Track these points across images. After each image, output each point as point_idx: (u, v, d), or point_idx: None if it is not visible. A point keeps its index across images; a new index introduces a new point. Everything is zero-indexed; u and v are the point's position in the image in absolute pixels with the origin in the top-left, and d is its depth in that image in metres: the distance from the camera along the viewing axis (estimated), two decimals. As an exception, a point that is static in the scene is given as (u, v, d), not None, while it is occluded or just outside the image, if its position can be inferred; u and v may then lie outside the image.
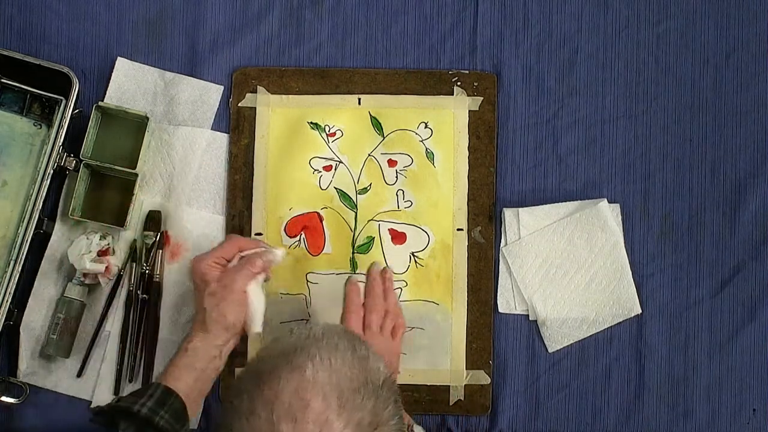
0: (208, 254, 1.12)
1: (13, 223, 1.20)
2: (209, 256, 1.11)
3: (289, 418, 0.78)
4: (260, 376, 0.82)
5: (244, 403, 0.81)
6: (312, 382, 0.80)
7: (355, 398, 0.80)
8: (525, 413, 1.22)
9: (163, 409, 1.01)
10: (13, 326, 1.19)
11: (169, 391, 1.03)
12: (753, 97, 1.25)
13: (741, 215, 1.24)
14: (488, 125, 1.24)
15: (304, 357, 0.82)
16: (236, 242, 1.14)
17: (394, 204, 1.23)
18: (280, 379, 0.80)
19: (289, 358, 0.82)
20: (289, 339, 0.85)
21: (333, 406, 0.79)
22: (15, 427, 1.20)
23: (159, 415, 1.00)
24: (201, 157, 1.23)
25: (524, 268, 1.22)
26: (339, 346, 0.83)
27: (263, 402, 0.80)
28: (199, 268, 1.11)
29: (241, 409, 0.80)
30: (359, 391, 0.81)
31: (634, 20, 1.26)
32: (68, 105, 1.19)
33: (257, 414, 0.79)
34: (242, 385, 0.83)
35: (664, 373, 1.22)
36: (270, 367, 0.82)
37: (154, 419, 1.00)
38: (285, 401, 0.79)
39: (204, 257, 1.11)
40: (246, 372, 0.85)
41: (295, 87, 1.24)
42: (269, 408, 0.79)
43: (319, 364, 0.81)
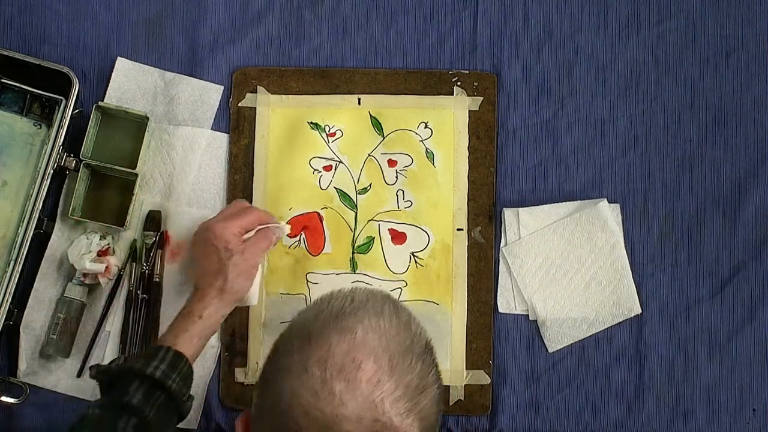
0: (232, 221, 1.12)
1: (13, 223, 1.20)
2: (233, 224, 1.12)
3: (342, 378, 0.79)
4: (309, 336, 0.82)
5: (294, 362, 0.81)
6: (363, 344, 0.80)
7: (404, 361, 0.81)
8: (525, 413, 1.22)
9: (175, 372, 1.02)
10: (13, 326, 1.19)
11: (179, 355, 1.04)
12: (753, 97, 1.25)
13: (741, 215, 1.24)
14: (488, 125, 1.24)
15: (354, 320, 0.82)
16: (257, 215, 1.15)
17: (394, 204, 1.23)
18: (331, 340, 0.81)
19: (338, 320, 0.82)
20: (333, 302, 0.85)
21: (384, 368, 0.80)
22: (15, 427, 1.20)
23: (171, 378, 1.01)
24: (201, 157, 1.23)
25: (524, 268, 1.22)
26: (384, 310, 0.84)
27: (316, 361, 0.80)
28: (224, 234, 1.11)
29: (292, 367, 0.81)
30: (407, 354, 0.82)
31: (634, 20, 1.26)
32: (68, 105, 1.19)
33: (310, 372, 0.79)
34: (289, 345, 0.83)
35: (664, 373, 1.22)
36: (318, 328, 0.82)
37: (167, 382, 1.01)
38: (338, 362, 0.79)
39: (228, 224, 1.11)
40: (291, 333, 0.85)
41: (295, 87, 1.24)
42: (323, 367, 0.79)
43: (368, 327, 0.82)
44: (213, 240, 1.11)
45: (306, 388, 0.79)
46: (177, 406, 1.02)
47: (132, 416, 0.98)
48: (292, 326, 0.86)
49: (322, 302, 0.86)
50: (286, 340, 0.85)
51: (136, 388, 0.99)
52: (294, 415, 0.79)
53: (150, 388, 1.00)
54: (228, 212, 1.15)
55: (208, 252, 1.11)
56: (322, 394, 0.78)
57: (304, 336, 0.82)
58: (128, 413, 0.98)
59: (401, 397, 0.80)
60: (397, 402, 0.79)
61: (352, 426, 0.78)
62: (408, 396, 0.80)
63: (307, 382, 0.79)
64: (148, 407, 0.99)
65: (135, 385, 1.00)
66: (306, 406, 0.78)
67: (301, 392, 0.79)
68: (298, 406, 0.79)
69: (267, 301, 1.21)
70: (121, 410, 0.98)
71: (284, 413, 0.79)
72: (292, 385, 0.80)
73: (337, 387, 0.78)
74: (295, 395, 0.79)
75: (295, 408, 0.79)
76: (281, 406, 0.80)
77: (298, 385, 0.79)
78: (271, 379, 0.83)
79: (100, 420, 0.97)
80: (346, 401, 0.78)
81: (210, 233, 1.11)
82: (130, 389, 0.99)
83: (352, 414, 0.78)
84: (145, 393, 0.99)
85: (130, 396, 0.99)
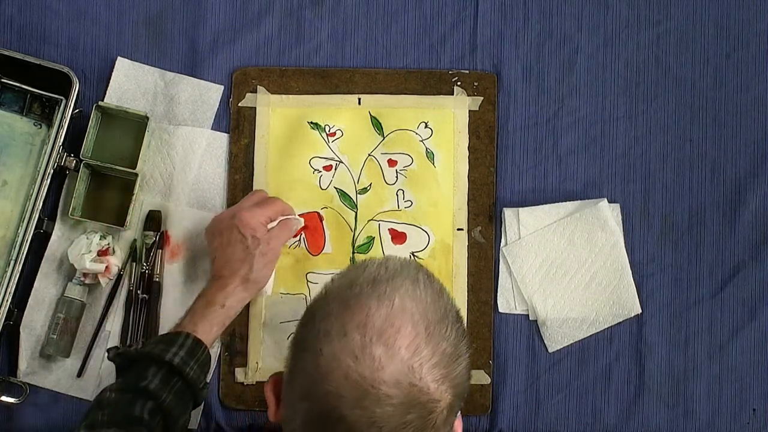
0: (259, 210, 1.13)
1: (13, 223, 1.20)
2: (261, 212, 1.12)
3: (381, 343, 0.79)
4: (347, 302, 0.82)
5: (333, 326, 0.81)
6: (401, 311, 0.81)
7: (440, 328, 0.82)
8: (525, 413, 1.22)
9: (193, 360, 1.03)
10: (13, 326, 1.19)
11: (199, 342, 1.05)
12: (753, 97, 1.25)
13: (741, 215, 1.24)
14: (488, 125, 1.24)
15: (391, 287, 0.83)
16: (281, 205, 1.16)
17: (394, 204, 1.23)
18: (369, 306, 0.81)
19: (375, 287, 0.83)
20: (368, 270, 0.85)
21: (422, 334, 0.80)
22: (15, 427, 1.20)
23: (189, 365, 1.02)
24: (201, 157, 1.23)
25: (524, 268, 1.22)
26: (419, 278, 0.85)
27: (356, 325, 0.80)
28: (251, 223, 1.11)
29: (331, 331, 0.81)
30: (443, 322, 0.83)
31: (634, 20, 1.26)
32: (68, 105, 1.19)
33: (350, 336, 0.80)
34: (327, 309, 0.83)
35: (664, 373, 1.22)
36: (356, 294, 0.83)
37: (185, 370, 1.01)
38: (377, 327, 0.80)
39: (255, 212, 1.12)
40: (327, 298, 0.85)
41: (295, 87, 1.24)
42: (362, 331, 0.80)
43: (405, 295, 0.82)
44: (240, 227, 1.11)
45: (346, 352, 0.79)
46: (193, 393, 1.03)
47: (149, 400, 0.99)
48: (327, 292, 0.86)
49: (357, 269, 0.87)
50: (322, 305, 0.85)
51: (154, 373, 1.00)
52: (333, 378, 0.79)
53: (168, 374, 1.01)
54: (252, 200, 1.15)
55: (233, 240, 1.11)
56: (362, 358, 0.79)
57: (342, 301, 0.83)
58: (145, 397, 0.99)
59: (437, 363, 0.81)
60: (433, 369, 0.80)
61: (390, 390, 0.79)
62: (443, 363, 0.81)
63: (347, 346, 0.80)
64: (165, 392, 1.00)
65: (153, 370, 1.00)
66: (346, 369, 0.79)
67: (342, 356, 0.79)
68: (338, 369, 0.79)
69: (267, 300, 1.21)
70: (138, 394, 0.99)
71: (323, 376, 0.80)
72: (332, 349, 0.80)
73: (376, 351, 0.79)
74: (335, 358, 0.80)
75: (335, 371, 0.79)
76: (320, 369, 0.80)
77: (339, 349, 0.80)
78: (308, 343, 0.83)
79: (117, 402, 0.98)
80: (385, 365, 0.79)
81: (237, 220, 1.11)
82: (148, 374, 1.00)
83: (391, 378, 0.79)
84: (162, 378, 1.00)
85: (147, 381, 0.99)
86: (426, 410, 0.80)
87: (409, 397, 0.79)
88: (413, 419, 0.80)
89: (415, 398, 0.79)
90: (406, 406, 0.79)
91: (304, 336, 0.85)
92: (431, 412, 0.80)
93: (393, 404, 0.79)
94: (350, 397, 0.79)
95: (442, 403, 0.81)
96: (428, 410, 0.80)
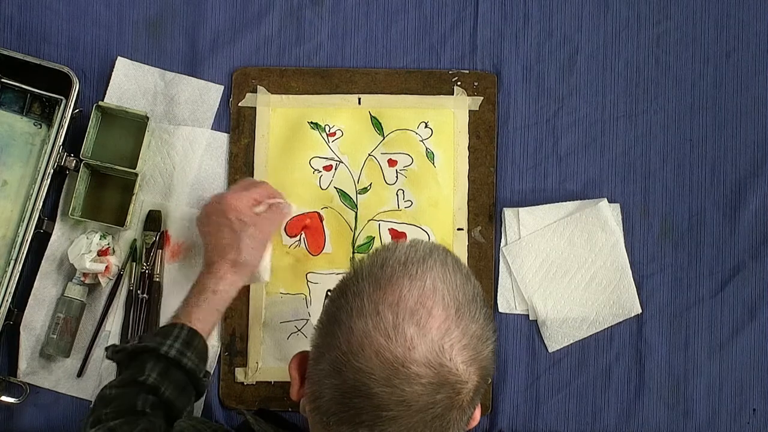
0: (245, 193, 1.12)
1: (13, 222, 1.20)
2: (246, 194, 1.12)
3: (413, 322, 0.80)
4: (379, 281, 0.83)
5: (366, 304, 0.82)
6: (433, 292, 0.82)
7: (469, 310, 0.83)
8: (525, 413, 1.22)
9: (190, 350, 1.03)
10: (13, 326, 1.19)
11: (194, 333, 1.05)
12: (753, 97, 1.25)
13: (741, 215, 1.24)
14: (488, 125, 1.24)
15: (422, 269, 0.83)
16: (266, 188, 1.16)
17: (395, 204, 1.23)
18: (402, 286, 0.82)
19: (407, 268, 0.83)
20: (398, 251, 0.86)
21: (452, 316, 0.81)
22: (15, 427, 1.21)
23: (186, 356, 1.03)
24: (201, 157, 1.23)
25: (524, 267, 1.22)
26: (447, 261, 0.85)
27: (388, 304, 0.81)
28: (237, 205, 1.11)
29: (364, 309, 0.82)
30: (472, 304, 0.83)
31: (634, 20, 1.26)
32: (68, 105, 1.19)
33: (382, 315, 0.81)
34: (358, 287, 0.84)
35: (664, 373, 1.22)
36: (388, 274, 0.83)
37: (182, 361, 1.02)
38: (409, 307, 0.81)
39: (240, 195, 1.12)
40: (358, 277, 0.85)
41: (295, 87, 1.24)
42: (395, 311, 0.81)
43: (436, 276, 0.83)
44: (226, 211, 1.11)
45: (378, 330, 0.80)
46: (194, 383, 1.04)
47: (149, 394, 0.99)
48: (357, 272, 0.86)
49: (387, 251, 0.87)
50: (353, 283, 0.85)
51: (152, 366, 1.01)
52: (365, 355, 0.80)
53: (165, 367, 1.01)
54: (238, 186, 1.15)
55: (220, 224, 1.11)
56: (395, 337, 0.80)
57: (375, 280, 0.83)
58: (145, 391, 0.99)
59: (467, 345, 0.81)
60: (463, 350, 0.81)
61: (421, 369, 0.79)
62: (472, 345, 0.82)
63: (379, 325, 0.80)
64: (164, 385, 1.00)
65: (151, 364, 1.01)
66: (378, 347, 0.80)
67: (374, 334, 0.80)
68: (370, 347, 0.80)
69: (267, 300, 1.21)
70: (138, 388, 1.00)
71: (354, 353, 0.81)
72: (365, 326, 0.81)
73: (408, 331, 0.80)
74: (367, 336, 0.80)
75: (366, 348, 0.80)
76: (351, 345, 0.81)
77: (371, 327, 0.80)
78: (339, 320, 0.83)
79: (119, 397, 0.99)
80: (417, 345, 0.80)
81: (223, 204, 1.11)
82: (146, 368, 1.01)
83: (422, 357, 0.79)
84: (160, 371, 1.01)
85: (146, 375, 1.00)
86: (454, 391, 0.81)
87: (438, 377, 0.80)
88: (441, 399, 0.81)
89: (444, 378, 0.80)
90: (435, 385, 0.80)
91: (334, 313, 0.85)
92: (459, 392, 0.81)
93: (422, 383, 0.79)
94: (380, 375, 0.79)
95: (469, 384, 0.82)
96: (456, 391, 0.81)
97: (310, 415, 0.86)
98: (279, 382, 1.21)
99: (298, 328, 1.21)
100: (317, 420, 0.85)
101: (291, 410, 1.19)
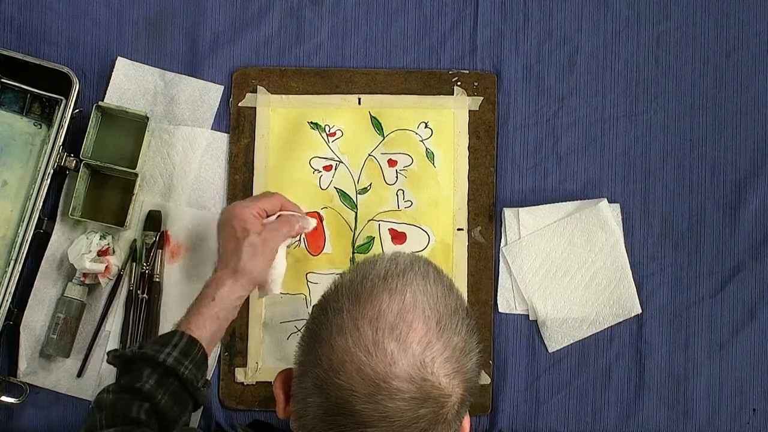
0: (252, 203, 1.12)
1: (13, 223, 1.20)
2: (253, 205, 1.12)
3: (393, 338, 0.80)
4: (359, 296, 0.83)
5: (345, 321, 0.81)
6: (413, 306, 0.82)
7: (451, 323, 0.82)
8: (525, 413, 1.22)
9: (188, 359, 1.02)
10: (13, 326, 1.19)
11: (193, 341, 1.04)
12: (753, 97, 1.25)
13: (741, 215, 1.24)
14: (488, 125, 1.24)
15: (402, 282, 0.83)
16: (280, 199, 1.15)
17: (394, 204, 1.23)
18: (381, 301, 0.82)
19: (387, 282, 0.83)
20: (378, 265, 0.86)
21: (433, 329, 0.81)
22: (15, 427, 1.21)
23: (184, 365, 1.02)
24: (201, 157, 1.23)
25: (524, 268, 1.22)
26: (429, 274, 0.85)
27: (367, 320, 0.81)
28: (242, 214, 1.10)
29: (344, 326, 0.81)
30: (454, 317, 0.83)
31: (634, 20, 1.26)
32: (68, 105, 1.19)
33: (362, 331, 0.80)
34: (338, 304, 0.83)
35: (664, 373, 1.22)
36: (368, 288, 0.83)
37: (179, 369, 1.01)
38: (389, 322, 0.81)
39: (247, 204, 1.12)
40: (338, 293, 0.85)
41: (295, 87, 1.24)
42: (374, 326, 0.80)
43: (416, 289, 0.83)
44: (231, 220, 1.11)
45: (359, 347, 0.80)
46: (190, 393, 1.03)
47: (144, 401, 0.99)
48: (338, 287, 0.86)
49: (367, 265, 0.87)
50: (333, 299, 0.85)
51: (149, 374, 1.00)
52: (346, 372, 0.80)
53: (162, 375, 1.01)
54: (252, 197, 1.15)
55: (227, 234, 1.11)
56: (375, 353, 0.79)
57: (354, 296, 0.83)
58: (141, 398, 0.99)
59: (449, 358, 0.81)
60: (445, 363, 0.81)
61: (403, 384, 0.79)
62: (455, 358, 0.82)
63: (359, 341, 0.80)
64: (161, 394, 1.00)
65: (148, 372, 1.00)
66: (359, 364, 0.79)
67: (354, 350, 0.80)
68: (351, 363, 0.80)
69: (267, 300, 1.21)
70: (134, 395, 0.99)
71: (335, 370, 0.80)
72: (345, 344, 0.81)
73: (389, 346, 0.80)
74: (348, 353, 0.80)
75: (347, 365, 0.80)
76: (332, 363, 0.81)
77: (351, 344, 0.80)
78: (319, 337, 0.83)
79: (114, 404, 0.99)
80: (398, 360, 0.79)
81: (229, 214, 1.11)
82: (144, 375, 1.00)
83: (403, 373, 0.79)
84: (157, 380, 1.00)
85: (142, 382, 0.99)
86: (438, 405, 0.81)
87: (421, 392, 0.80)
88: (425, 413, 0.80)
89: (427, 393, 0.80)
90: (418, 400, 0.80)
91: (315, 330, 0.85)
92: (443, 406, 0.81)
93: (405, 399, 0.79)
94: (362, 392, 0.79)
95: (453, 398, 0.81)
96: (440, 405, 0.81)
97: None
98: (279, 382, 1.21)
99: (298, 328, 1.21)
100: None
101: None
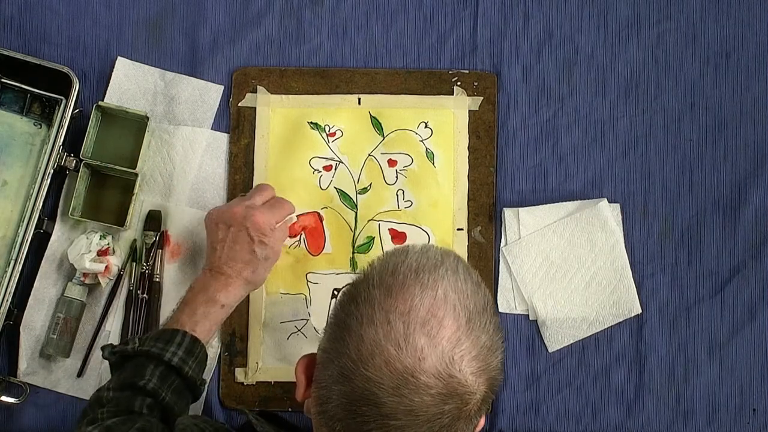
0: (271, 213, 1.13)
1: (13, 223, 1.20)
2: (271, 216, 1.12)
3: (424, 333, 0.80)
4: (390, 289, 0.83)
5: (377, 313, 0.81)
6: (444, 302, 0.82)
7: (479, 320, 0.83)
8: (525, 413, 1.22)
9: (192, 358, 1.04)
10: (13, 326, 1.19)
11: (195, 340, 1.06)
12: (753, 97, 1.25)
13: (741, 215, 1.24)
14: (488, 125, 1.24)
15: (434, 277, 0.83)
16: (288, 208, 1.17)
17: (394, 204, 1.23)
18: (413, 295, 0.82)
19: (419, 276, 0.83)
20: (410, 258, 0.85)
21: (463, 326, 0.81)
22: (15, 427, 1.21)
23: (188, 364, 1.03)
24: (201, 157, 1.23)
25: (524, 268, 1.22)
26: (459, 269, 0.85)
27: (399, 314, 0.81)
28: (263, 227, 1.11)
29: (374, 318, 0.81)
30: (483, 314, 0.83)
31: (634, 20, 1.26)
32: (68, 105, 1.19)
33: (393, 325, 0.80)
34: (369, 294, 0.83)
35: (664, 373, 1.22)
36: (400, 281, 0.83)
37: (184, 369, 1.03)
38: (421, 317, 0.81)
39: (267, 216, 1.12)
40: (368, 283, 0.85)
41: (295, 87, 1.24)
42: (406, 321, 0.80)
43: (448, 285, 0.83)
44: (251, 230, 1.11)
45: (389, 340, 0.80)
46: (191, 390, 1.04)
47: (147, 397, 1.00)
48: (367, 277, 0.86)
49: (398, 256, 0.86)
50: (363, 289, 0.85)
51: (152, 372, 1.01)
52: (375, 364, 0.80)
53: (166, 373, 1.02)
54: (262, 197, 1.15)
55: (241, 239, 1.11)
56: (405, 347, 0.80)
57: (385, 288, 0.83)
58: (143, 395, 1.00)
59: (476, 356, 0.82)
60: (473, 361, 0.81)
61: (430, 380, 0.80)
62: (482, 356, 0.82)
63: (389, 334, 0.80)
64: (164, 391, 1.01)
65: (150, 369, 1.01)
66: (388, 357, 0.80)
67: (384, 343, 0.80)
68: (380, 356, 0.80)
69: (267, 300, 1.21)
70: (136, 392, 1.00)
71: (363, 361, 0.81)
72: (375, 336, 0.81)
73: (419, 341, 0.80)
74: (378, 345, 0.80)
75: (376, 357, 0.80)
76: (361, 354, 0.81)
77: (382, 336, 0.80)
78: (348, 326, 0.83)
79: (117, 400, 0.99)
80: (427, 355, 0.80)
81: (249, 222, 1.11)
82: (146, 372, 1.01)
83: (431, 368, 0.80)
84: (160, 377, 1.01)
85: (146, 380, 1.00)
86: (462, 401, 0.81)
87: (447, 388, 0.80)
88: (449, 410, 0.81)
89: (453, 389, 0.80)
90: (443, 396, 0.80)
91: (343, 319, 0.85)
92: (467, 403, 0.81)
93: (431, 394, 0.80)
94: (389, 385, 0.79)
95: (477, 395, 0.82)
96: (464, 401, 0.81)
97: (316, 417, 0.86)
98: (279, 382, 1.21)
99: (298, 328, 1.21)
100: (323, 423, 0.85)
101: (291, 410, 1.19)
